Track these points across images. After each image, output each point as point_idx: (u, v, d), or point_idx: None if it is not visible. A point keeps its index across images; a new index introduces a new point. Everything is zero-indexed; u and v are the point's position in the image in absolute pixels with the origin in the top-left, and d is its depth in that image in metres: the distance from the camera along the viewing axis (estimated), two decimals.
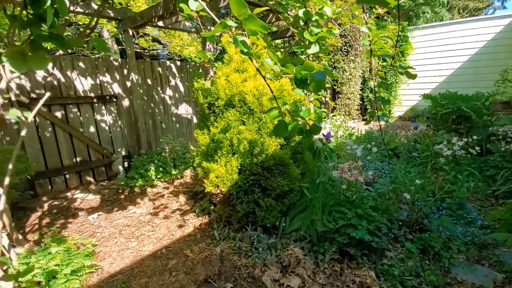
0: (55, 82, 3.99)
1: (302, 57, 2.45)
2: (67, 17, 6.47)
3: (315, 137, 1.43)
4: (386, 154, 4.31)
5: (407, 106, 9.03)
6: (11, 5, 1.41)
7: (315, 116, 1.48)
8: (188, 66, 5.75)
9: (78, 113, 4.24)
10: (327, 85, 7.53)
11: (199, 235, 2.74)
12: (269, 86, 1.30)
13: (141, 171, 4.24)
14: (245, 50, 1.09)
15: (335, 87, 7.79)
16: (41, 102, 2.23)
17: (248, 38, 1.20)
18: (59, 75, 4.02)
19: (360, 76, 7.94)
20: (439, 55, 8.23)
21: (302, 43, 2.09)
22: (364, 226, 2.20)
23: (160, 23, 4.55)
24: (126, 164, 4.73)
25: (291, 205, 2.66)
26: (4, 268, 1.83)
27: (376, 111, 1.93)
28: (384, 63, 7.61)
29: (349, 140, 4.50)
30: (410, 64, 8.53)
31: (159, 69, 5.25)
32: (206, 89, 2.62)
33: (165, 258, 2.41)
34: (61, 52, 2.22)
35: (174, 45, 7.90)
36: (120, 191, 4.01)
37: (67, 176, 4.19)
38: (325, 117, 6.36)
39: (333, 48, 7.27)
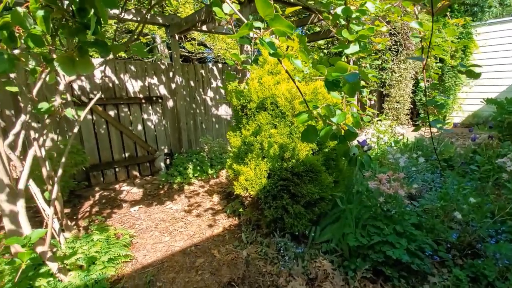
0: (110, 84, 4.40)
1: (343, 58, 2.32)
2: (125, 26, 7.10)
3: (353, 142, 1.32)
4: (438, 165, 3.86)
5: (468, 112, 8.02)
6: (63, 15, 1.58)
7: (352, 120, 1.37)
8: (229, 68, 5.89)
9: (128, 112, 4.62)
10: (372, 88, 7.06)
11: (228, 236, 2.76)
12: (298, 88, 1.24)
13: (180, 168, 4.45)
14: (271, 52, 1.05)
15: (382, 90, 7.27)
16: (92, 102, 2.46)
17: (278, 39, 1.16)
18: (113, 77, 4.42)
19: (411, 77, 7.28)
20: (508, 54, 7.14)
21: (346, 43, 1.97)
22: (403, 245, 1.98)
23: (204, 28, 4.74)
24: (167, 161, 5.02)
25: (322, 214, 2.53)
26: (54, 250, 2.06)
27: (427, 116, 1.72)
28: (441, 64, 6.87)
29: (392, 148, 4.14)
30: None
31: (202, 71, 5.47)
32: (239, 91, 2.63)
33: (194, 255, 2.47)
34: (111, 56, 2.44)
35: (218, 48, 8.17)
36: (160, 186, 4.26)
37: (117, 169, 4.60)
38: (369, 121, 5.94)
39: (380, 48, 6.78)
